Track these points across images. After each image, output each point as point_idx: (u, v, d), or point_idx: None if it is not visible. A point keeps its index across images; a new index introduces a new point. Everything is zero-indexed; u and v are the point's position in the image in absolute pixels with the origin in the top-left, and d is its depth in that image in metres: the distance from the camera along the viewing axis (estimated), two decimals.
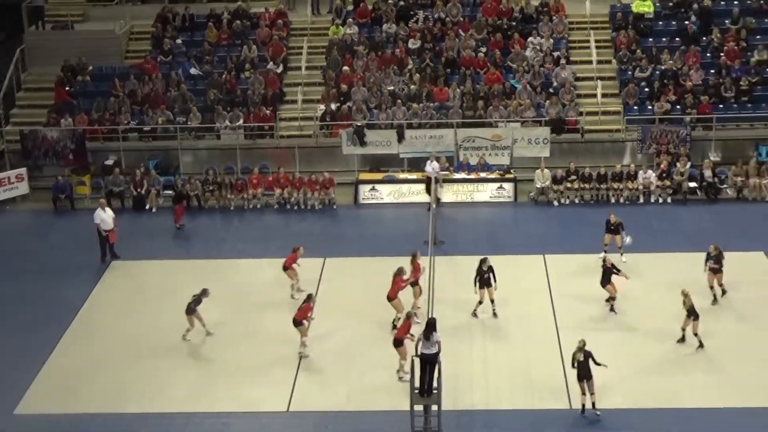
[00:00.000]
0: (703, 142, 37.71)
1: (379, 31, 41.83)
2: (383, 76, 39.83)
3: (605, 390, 24.02)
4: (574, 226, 33.90)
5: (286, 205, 36.28)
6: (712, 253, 28.14)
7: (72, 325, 28.49)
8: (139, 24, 43.55)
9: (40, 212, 36.80)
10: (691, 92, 38.22)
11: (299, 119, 39.37)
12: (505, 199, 36.43)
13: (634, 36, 40.49)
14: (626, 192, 35.81)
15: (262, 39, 41.78)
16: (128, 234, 33.89)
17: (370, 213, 36.04)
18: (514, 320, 27.83)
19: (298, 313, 26.25)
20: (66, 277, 31.41)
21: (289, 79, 41.05)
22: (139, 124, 39.11)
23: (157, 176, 37.07)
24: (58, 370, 26.35)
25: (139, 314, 28.77)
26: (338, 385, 25.24)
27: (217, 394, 25.14)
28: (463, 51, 40.59)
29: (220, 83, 40.02)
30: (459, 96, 38.80)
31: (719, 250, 28.04)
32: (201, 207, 36.46)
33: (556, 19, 41.56)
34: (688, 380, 25.02)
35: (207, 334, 27.35)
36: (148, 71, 40.68)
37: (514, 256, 31.58)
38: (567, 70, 39.46)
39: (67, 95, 39.95)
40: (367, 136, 37.47)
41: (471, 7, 42.75)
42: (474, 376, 25.42)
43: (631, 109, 38.39)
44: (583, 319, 27.74)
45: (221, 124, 38.71)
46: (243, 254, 31.81)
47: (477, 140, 37.33)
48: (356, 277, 30.50)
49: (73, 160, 38.29)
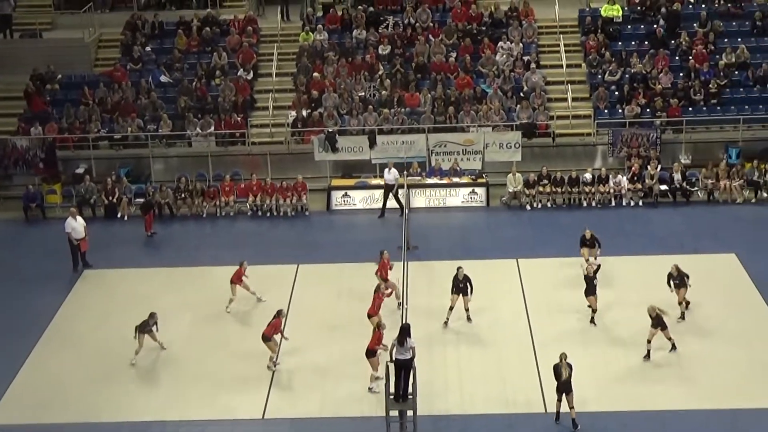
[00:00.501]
0: (673, 145, 37.96)
1: (350, 37, 41.85)
2: (354, 82, 39.85)
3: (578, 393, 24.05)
4: (546, 230, 34.01)
5: (259, 211, 36.20)
6: (674, 274, 27.82)
7: (44, 335, 28.30)
8: (108, 32, 43.39)
9: (11, 221, 36.56)
10: (661, 95, 38.45)
11: (270, 126, 39.32)
12: (477, 203, 36.49)
13: (604, 40, 40.70)
14: (598, 195, 35.95)
15: (232, 46, 41.72)
16: (100, 242, 33.69)
17: (343, 219, 36.01)
18: (487, 325, 27.87)
19: (267, 328, 25.88)
20: (38, 287, 31.21)
21: (259, 86, 41.02)
22: (109, 132, 38.93)
23: (128, 184, 36.92)
24: (30, 381, 26.16)
25: (112, 323, 28.60)
26: (313, 392, 25.19)
27: (192, 401, 25.04)
28: (434, 56, 40.67)
29: (190, 90, 39.92)
30: (430, 101, 38.87)
31: (679, 269, 27.67)
32: (173, 215, 36.32)
33: (526, 23, 41.71)
34: (661, 383, 25.10)
35: (162, 348, 27.00)
36: (118, 79, 40.53)
37: (487, 260, 31.64)
38: (537, 74, 39.61)
39: (44, 104, 39.67)
40: (339, 143, 37.47)
41: (441, 12, 42.84)
42: (449, 381, 25.44)
43: (602, 113, 38.58)
44: (556, 322, 27.83)
45: (192, 131, 38.61)
46: (216, 261, 31.68)
47: (449, 145, 37.39)
48: (330, 284, 30.47)
49: (43, 168, 38.07)
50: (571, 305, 28.53)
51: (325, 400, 24.89)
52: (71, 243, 32.03)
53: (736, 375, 25.32)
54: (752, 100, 38.71)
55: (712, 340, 26.84)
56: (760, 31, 40.98)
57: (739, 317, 27.95)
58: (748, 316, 28.01)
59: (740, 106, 38.51)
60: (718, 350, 26.35)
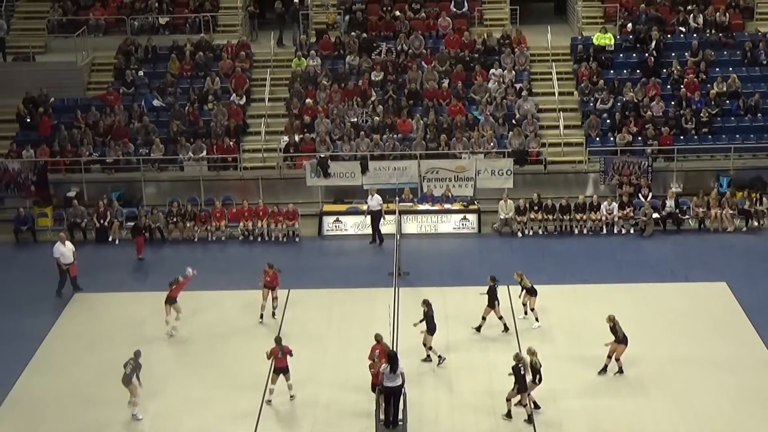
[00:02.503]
0: (664, 173, 38.05)
1: (343, 63, 41.96)
2: (346, 107, 39.94)
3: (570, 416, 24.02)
4: (537, 257, 34.03)
5: (250, 236, 36.18)
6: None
7: (33, 359, 28.18)
8: (101, 56, 43.43)
9: (2, 244, 36.42)
10: (652, 124, 38.57)
11: (263, 151, 39.36)
12: (468, 230, 36.50)
13: (596, 68, 40.84)
14: (589, 223, 36.00)
15: (225, 71, 41.80)
16: (91, 266, 33.65)
17: (335, 244, 35.99)
18: (478, 350, 27.84)
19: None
20: (27, 310, 31.10)
21: (252, 111, 41.08)
22: (101, 155, 38.93)
23: (120, 208, 36.88)
24: (19, 404, 26.02)
25: (102, 347, 28.50)
26: (304, 419, 25.08)
27: (181, 426, 24.94)
28: (426, 83, 40.79)
29: (182, 115, 39.97)
30: (422, 128, 38.95)
31: (614, 321, 26.59)
32: (164, 239, 36.29)
33: (518, 51, 41.86)
34: (651, 409, 25.07)
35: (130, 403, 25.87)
36: (111, 103, 40.56)
37: (478, 287, 31.54)
38: (529, 101, 39.74)
39: (51, 126, 39.69)
40: (331, 168, 37.50)
41: (434, 39, 43.00)
42: (439, 408, 25.36)
43: (593, 141, 38.69)
44: (546, 348, 27.76)
45: (184, 155, 38.63)
46: (207, 286, 31.58)
47: (441, 171, 37.45)
48: (321, 309, 30.41)
49: (34, 191, 38.03)
50: (562, 332, 28.53)
51: (315, 426, 24.78)
52: (60, 268, 31.92)
53: (726, 403, 25.28)
54: (743, 129, 38.87)
55: (702, 368, 26.80)
56: (751, 61, 41.18)
57: (730, 345, 27.94)
58: (738, 344, 28.00)
59: (731, 135, 38.65)
60: (709, 378, 26.32)
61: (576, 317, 29.51)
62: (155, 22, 44.35)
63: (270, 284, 29.97)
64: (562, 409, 24.88)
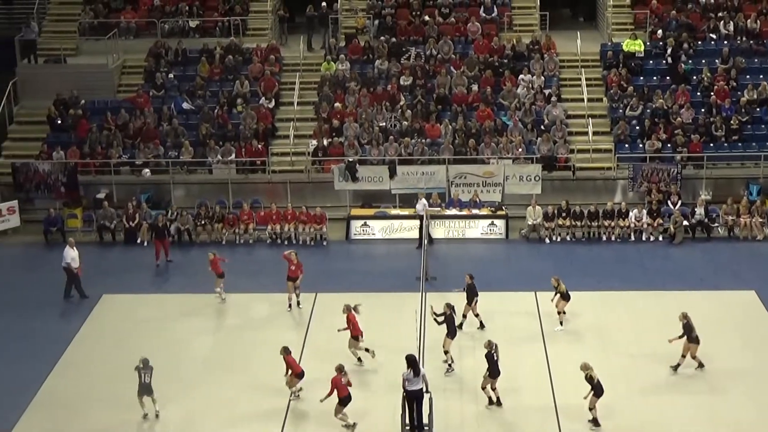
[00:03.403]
0: (693, 180, 37.88)
1: (372, 67, 42.00)
2: (375, 112, 39.98)
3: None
4: (565, 263, 33.91)
5: (278, 239, 36.26)
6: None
7: (62, 359, 28.34)
8: (131, 58, 43.63)
9: (31, 245, 36.72)
10: (682, 130, 38.42)
11: (291, 154, 39.44)
12: (496, 236, 36.46)
13: (625, 74, 40.71)
14: (617, 230, 35.89)
15: (254, 74, 41.93)
16: (119, 268, 33.86)
17: (362, 248, 36.03)
18: (504, 356, 27.70)
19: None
20: (56, 310, 31.34)
21: (281, 114, 41.17)
22: (131, 157, 39.12)
23: (148, 210, 37.01)
24: (47, 405, 26.15)
25: (129, 348, 28.58)
26: (329, 421, 25.04)
27: (209, 426, 25.00)
28: (455, 88, 40.77)
29: (212, 118, 40.12)
30: (451, 132, 38.93)
31: (687, 318, 26.70)
32: (192, 241, 36.42)
33: (548, 57, 41.80)
34: (682, 419, 24.97)
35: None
36: (141, 105, 40.77)
37: (505, 292, 31.61)
38: (558, 107, 39.66)
39: (89, 129, 39.92)
40: (359, 172, 37.54)
41: (463, 44, 42.99)
42: (464, 413, 25.32)
43: (622, 147, 38.56)
44: (573, 354, 27.70)
45: (213, 158, 38.77)
46: (234, 289, 31.66)
47: (469, 177, 37.43)
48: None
49: (64, 193, 38.27)
50: (589, 339, 28.46)
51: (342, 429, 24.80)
52: (70, 272, 31.98)
53: (752, 411, 25.13)
54: None
55: (731, 377, 26.64)
56: None
57: (758, 354, 27.77)
58: (766, 353, 27.82)
59: (761, 142, 38.45)
60: (737, 386, 26.17)
61: (603, 324, 29.40)
62: (185, 25, 44.53)
63: (294, 274, 30.18)
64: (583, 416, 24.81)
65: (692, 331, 26.46)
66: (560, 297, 29.11)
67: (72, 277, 31.97)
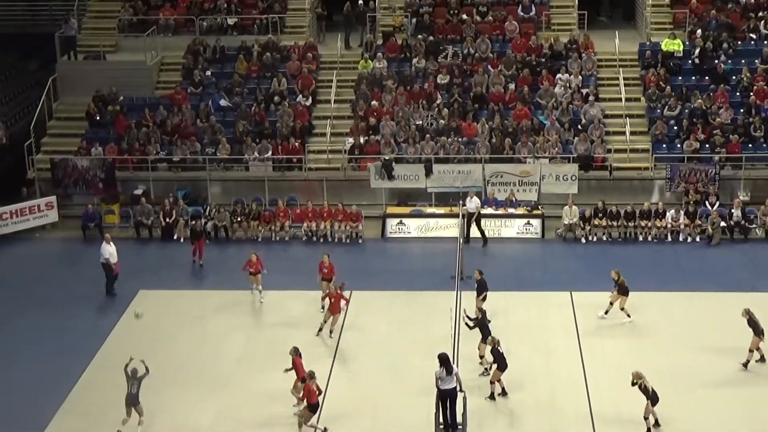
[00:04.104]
0: (732, 181, 37.61)
1: (409, 65, 42.00)
2: (412, 110, 39.96)
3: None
4: (601, 263, 33.71)
5: (314, 237, 36.35)
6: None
7: (98, 354, 28.57)
8: (170, 55, 43.84)
9: (69, 240, 37.02)
10: (721, 131, 38.16)
11: (327, 152, 39.51)
12: (532, 235, 36.38)
13: (664, 74, 40.47)
14: (654, 230, 35.71)
15: (291, 72, 42.02)
16: (156, 264, 34.08)
17: (397, 247, 36.07)
18: (540, 356, 27.73)
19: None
20: (93, 306, 31.61)
21: (318, 112, 41.24)
22: (168, 154, 39.33)
23: (185, 206, 37.21)
24: (84, 398, 26.40)
25: (165, 343, 28.81)
26: (363, 419, 25.11)
27: (242, 424, 25.10)
28: (492, 87, 40.69)
29: (249, 115, 40.25)
30: (487, 131, 38.86)
31: (749, 314, 27.00)
32: (229, 238, 36.58)
33: (585, 56, 41.63)
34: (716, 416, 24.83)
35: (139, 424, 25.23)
36: (178, 102, 40.96)
37: (540, 292, 31.55)
38: (596, 107, 39.49)
39: (127, 125, 40.18)
40: (395, 170, 37.55)
41: (500, 43, 42.88)
42: (498, 412, 25.30)
43: (660, 147, 38.35)
44: (608, 354, 27.65)
45: (250, 155, 38.90)
46: (270, 286, 31.76)
47: (505, 176, 37.35)
48: (382, 312, 30.45)
49: (102, 189, 38.53)
50: (624, 339, 28.36)
51: (376, 428, 24.82)
52: (108, 268, 32.23)
53: None
54: None
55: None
56: None
57: None
58: None
59: None
60: None
61: (640, 325, 29.25)
62: (224, 22, 44.67)
63: (327, 276, 30.36)
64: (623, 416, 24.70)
65: (757, 326, 26.60)
66: (619, 291, 29.21)
67: (108, 273, 32.21)
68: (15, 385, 27.03)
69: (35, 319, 30.74)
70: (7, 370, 27.81)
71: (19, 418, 25.46)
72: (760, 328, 26.61)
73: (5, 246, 36.56)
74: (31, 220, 37.56)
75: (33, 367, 27.92)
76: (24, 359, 28.41)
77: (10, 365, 28.10)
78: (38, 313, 31.09)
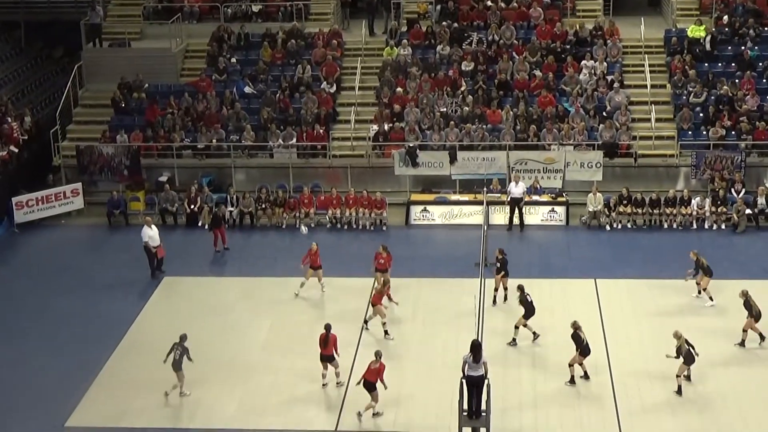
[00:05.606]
0: (758, 168, 37.44)
1: (433, 52, 41.94)
2: (436, 97, 39.91)
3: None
4: (626, 251, 33.73)
5: (338, 224, 36.39)
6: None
7: (124, 340, 28.74)
8: (194, 42, 43.93)
9: (95, 227, 37.20)
10: (747, 118, 37.95)
11: (352, 139, 39.51)
12: (556, 222, 36.32)
13: (690, 60, 40.26)
14: (679, 217, 35.59)
15: (316, 59, 42.03)
16: (180, 250, 34.20)
17: (422, 234, 36.06)
18: (563, 344, 27.64)
19: (369, 373, 24.69)
20: (118, 292, 31.73)
21: (342, 99, 41.24)
22: (193, 141, 39.42)
23: (210, 193, 37.31)
24: (109, 384, 26.56)
25: (190, 330, 28.77)
26: (387, 406, 25.13)
27: (267, 410, 25.21)
28: (517, 74, 40.60)
29: (273, 102, 40.29)
30: (512, 118, 38.78)
31: (746, 295, 27.41)
32: (253, 225, 36.66)
33: (611, 42, 41.46)
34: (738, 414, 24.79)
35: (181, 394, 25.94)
36: (203, 89, 41.04)
37: (565, 279, 31.51)
38: (621, 94, 39.33)
39: (159, 112, 40.30)
40: (420, 157, 37.54)
41: (525, 29, 42.77)
42: (522, 400, 25.31)
43: (686, 134, 38.18)
44: (633, 342, 27.60)
45: (274, 142, 38.94)
46: (294, 273, 31.77)
47: (529, 163, 37.28)
48: (406, 298, 30.44)
49: (127, 176, 38.67)
50: (649, 326, 28.30)
51: (399, 416, 24.87)
52: (149, 251, 32.45)
53: None
54: None
55: None
56: None
57: None
58: None
59: None
60: None
61: (664, 312, 29.17)
62: (248, 9, 44.73)
63: (383, 267, 30.37)
64: (649, 401, 24.64)
65: (752, 308, 27.03)
66: (702, 272, 29.39)
67: (149, 255, 32.42)
68: (41, 370, 27.22)
69: (61, 305, 30.92)
70: (33, 356, 28.01)
71: (46, 403, 25.66)
72: (756, 310, 27.02)
73: (31, 232, 36.78)
74: (57, 206, 37.75)
75: (59, 353, 28.11)
76: (50, 345, 28.61)
77: (37, 351, 28.30)
78: (63, 300, 31.27)
